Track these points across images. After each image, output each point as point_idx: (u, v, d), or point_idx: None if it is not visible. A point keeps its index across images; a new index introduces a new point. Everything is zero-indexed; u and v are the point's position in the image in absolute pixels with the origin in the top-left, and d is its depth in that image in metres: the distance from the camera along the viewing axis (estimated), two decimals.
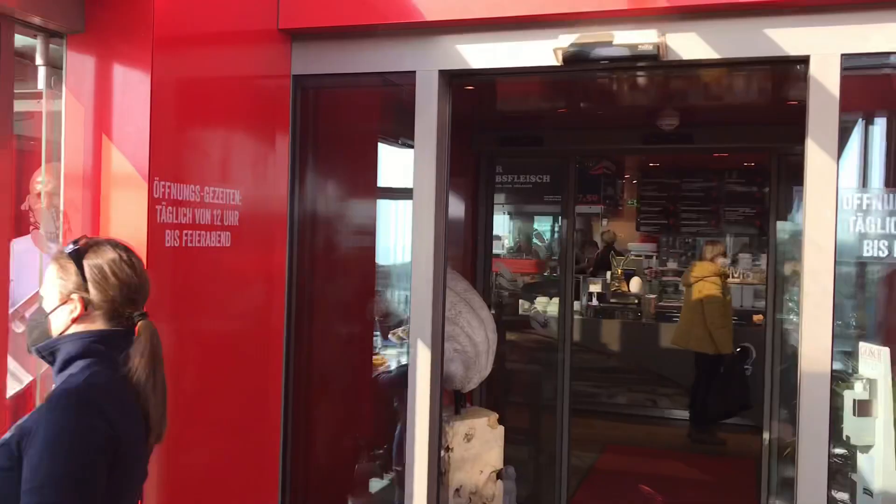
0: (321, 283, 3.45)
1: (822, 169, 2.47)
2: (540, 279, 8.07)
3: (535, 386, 6.43)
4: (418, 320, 2.95)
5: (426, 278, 2.95)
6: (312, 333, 3.53)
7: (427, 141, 2.95)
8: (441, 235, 3.02)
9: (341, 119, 3.63)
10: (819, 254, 2.46)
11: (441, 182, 3.03)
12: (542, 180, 7.41)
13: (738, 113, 4.64)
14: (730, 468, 6.77)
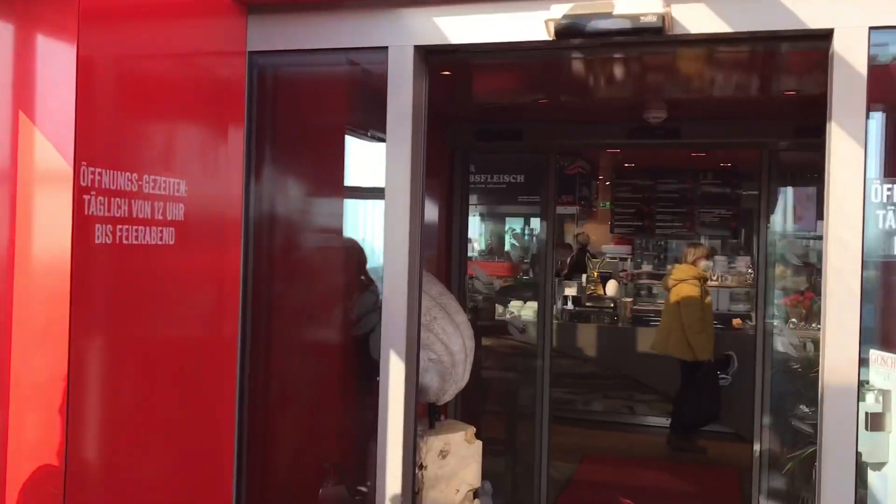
0: (282, 287, 3.10)
1: (848, 157, 2.19)
2: (513, 282, 7.81)
3: (512, 394, 6.15)
4: (391, 328, 2.63)
5: (400, 282, 2.63)
6: (272, 342, 3.18)
7: (401, 127, 2.63)
8: (417, 233, 2.70)
9: (304, 105, 3.29)
10: (844, 252, 2.18)
11: (417, 173, 2.71)
12: (517, 180, 7.13)
13: (728, 107, 4.38)
14: (711, 477, 6.54)
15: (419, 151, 2.72)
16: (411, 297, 2.68)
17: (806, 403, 5.01)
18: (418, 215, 2.72)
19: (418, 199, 2.73)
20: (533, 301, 7.02)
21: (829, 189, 2.24)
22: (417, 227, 2.71)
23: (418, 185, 2.71)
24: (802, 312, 8.23)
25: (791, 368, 4.86)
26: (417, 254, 2.71)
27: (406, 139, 2.66)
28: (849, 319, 2.16)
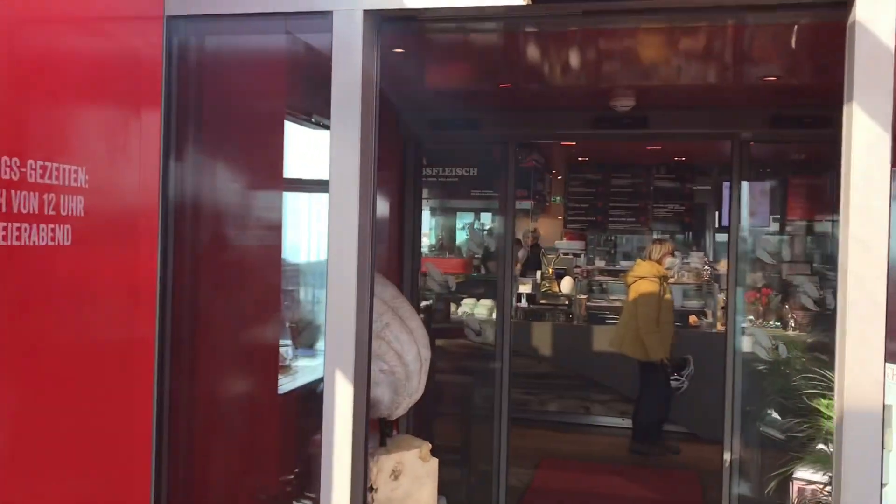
0: (208, 291, 2.68)
1: (871, 143, 1.89)
2: (465, 279, 7.48)
3: (468, 397, 5.81)
4: (337, 342, 2.24)
5: (348, 287, 2.25)
6: (197, 353, 2.77)
7: (348, 105, 2.24)
8: (368, 229, 2.33)
9: (234, 83, 2.87)
10: (866, 254, 1.88)
11: (367, 159, 2.33)
12: (469, 173, 6.82)
13: (699, 95, 4.10)
14: (672, 482, 6.31)
15: (370, 135, 2.34)
16: (361, 303, 2.30)
17: (775, 408, 4.79)
18: (369, 209, 2.34)
19: (369, 190, 2.35)
20: (486, 299, 6.71)
21: (846, 181, 1.94)
22: (368, 222, 2.33)
23: (369, 173, 2.33)
24: (759, 310, 8.10)
25: (758, 371, 4.62)
26: (369, 254, 2.33)
27: (354, 120, 2.27)
28: (872, 333, 1.87)
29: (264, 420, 3.62)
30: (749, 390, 4.45)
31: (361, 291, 2.21)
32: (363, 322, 2.27)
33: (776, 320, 5.79)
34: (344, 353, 2.20)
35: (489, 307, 6.54)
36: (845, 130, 1.95)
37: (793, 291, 5.05)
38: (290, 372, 4.22)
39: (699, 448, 7.10)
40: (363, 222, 2.27)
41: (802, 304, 4.41)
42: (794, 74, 3.47)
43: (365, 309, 2.33)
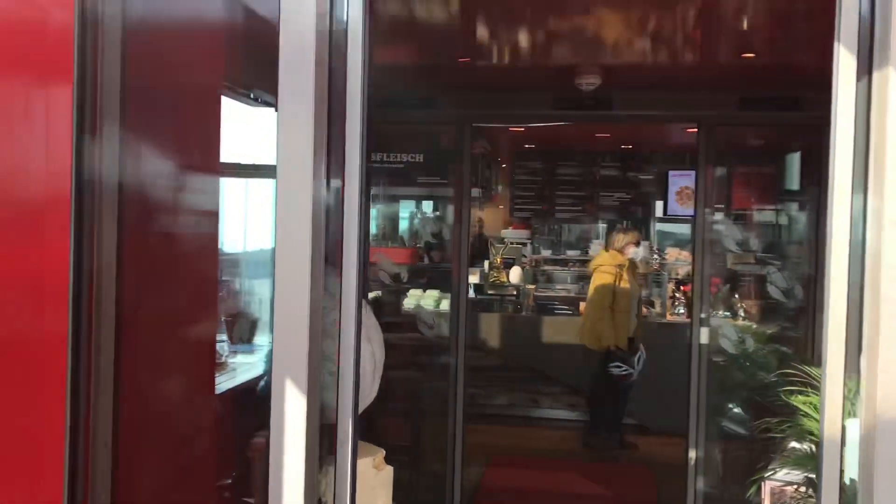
0: (134, 285, 2.31)
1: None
2: (408, 269, 7.20)
3: (417, 394, 5.52)
4: (286, 347, 1.92)
5: (298, 284, 1.92)
6: (122, 352, 2.39)
7: (299, 72, 1.91)
8: (321, 219, 2.01)
9: (162, 51, 2.49)
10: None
11: (322, 138, 2.01)
12: (415, 159, 6.53)
13: (666, 74, 3.88)
14: (625, 477, 6.16)
15: (323, 108, 2.01)
16: (315, 304, 1.98)
17: (738, 403, 4.64)
18: (323, 195, 2.02)
19: (322, 174, 2.03)
20: (432, 289, 6.44)
21: (878, 158, 1.71)
22: (322, 211, 2.01)
23: (322, 155, 2.01)
24: (709, 300, 8.04)
25: (722, 364, 4.47)
26: (322, 246, 2.01)
27: (306, 88, 1.94)
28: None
29: (200, 423, 3.24)
30: (713, 385, 4.29)
31: (315, 291, 1.89)
32: (316, 325, 1.96)
33: (726, 310, 5.67)
34: (295, 360, 1.88)
35: (436, 298, 6.26)
36: (872, 95, 1.72)
37: (744, 281, 4.91)
38: (227, 369, 3.88)
39: (649, 441, 6.99)
40: (317, 212, 1.95)
41: (769, 294, 4.25)
42: (772, 51, 3.27)
43: (318, 310, 2.01)
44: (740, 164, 4.62)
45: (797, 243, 4.33)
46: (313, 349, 1.96)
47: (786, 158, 4.56)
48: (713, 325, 4.30)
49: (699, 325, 4.24)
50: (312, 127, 1.96)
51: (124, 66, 2.21)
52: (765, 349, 4.43)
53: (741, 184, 4.57)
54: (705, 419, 4.27)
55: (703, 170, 4.17)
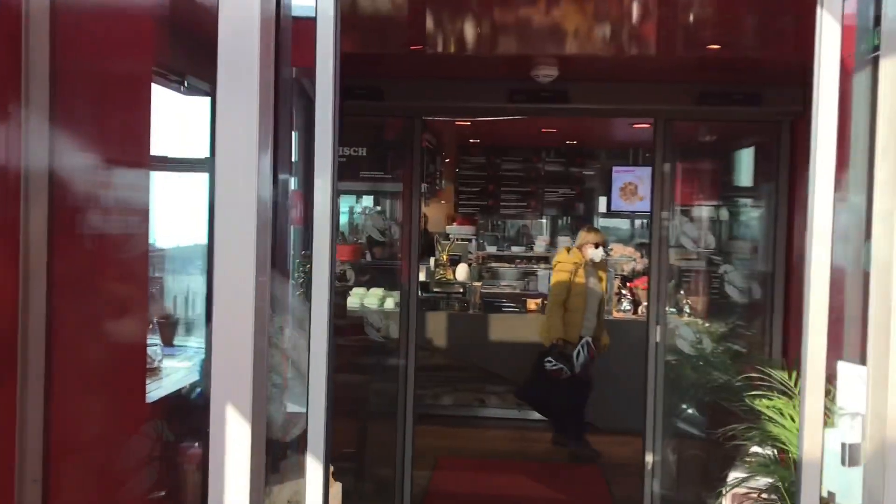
0: (51, 287, 2.04)
1: None
2: (351, 266, 6.95)
3: (364, 397, 5.30)
4: (226, 363, 1.69)
5: (241, 291, 1.69)
6: (51, 354, 2.13)
7: (241, 58, 1.68)
8: (266, 218, 1.78)
9: (82, 32, 2.22)
10: None
11: (265, 128, 1.78)
12: (358, 153, 6.29)
13: (625, 67, 3.75)
14: (575, 478, 6.05)
15: (269, 98, 1.79)
16: (260, 311, 1.75)
17: (690, 403, 4.56)
18: (268, 193, 1.80)
19: (267, 169, 1.81)
20: (377, 287, 6.23)
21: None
22: (267, 209, 1.79)
23: (267, 146, 1.79)
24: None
25: (676, 364, 4.37)
26: (267, 248, 1.78)
27: (249, 76, 1.72)
28: None
29: (129, 434, 2.96)
30: (669, 385, 4.20)
31: (260, 300, 1.66)
32: (262, 338, 1.73)
33: (671, 307, 5.61)
34: (238, 380, 1.65)
35: (380, 297, 6.03)
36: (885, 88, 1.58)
37: (700, 280, 4.83)
38: (160, 375, 3.60)
39: (598, 439, 6.91)
40: (262, 210, 1.72)
41: (727, 293, 4.17)
42: (738, 43, 3.16)
43: (264, 320, 1.78)
44: (697, 160, 4.53)
45: (753, 240, 4.26)
46: (258, 366, 1.73)
47: (743, 154, 4.49)
48: (670, 325, 4.20)
49: (655, 324, 4.14)
50: (256, 118, 1.74)
51: (53, 51, 1.95)
52: (720, 348, 4.35)
53: (697, 180, 4.48)
54: (662, 420, 4.17)
55: (659, 166, 4.06)
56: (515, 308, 7.62)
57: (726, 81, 3.82)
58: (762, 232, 4.12)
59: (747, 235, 4.38)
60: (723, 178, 4.66)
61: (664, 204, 4.08)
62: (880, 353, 1.57)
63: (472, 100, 4.04)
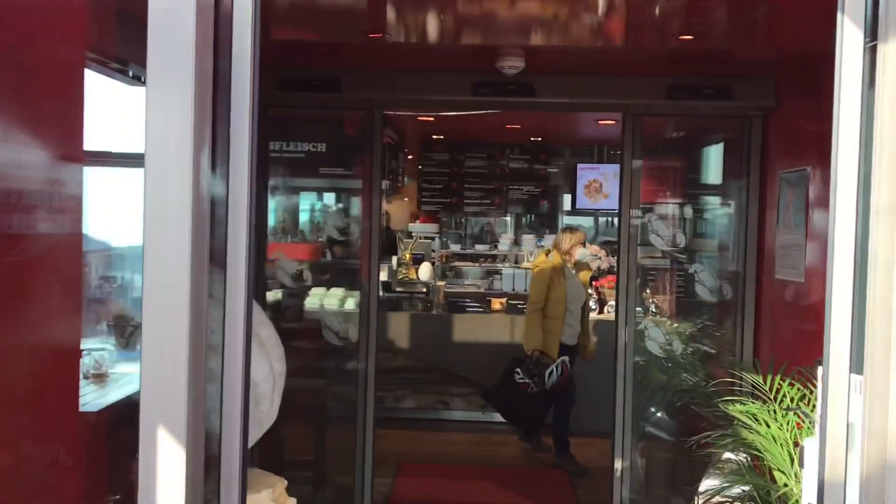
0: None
1: None
2: (310, 266, 6.72)
3: (324, 402, 5.10)
4: (158, 382, 1.50)
5: (175, 296, 1.50)
6: None
7: (173, 43, 1.50)
8: (204, 215, 1.59)
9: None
10: None
11: (202, 120, 1.60)
12: (317, 149, 6.08)
13: (594, 59, 3.61)
14: (541, 483, 5.91)
15: (207, 88, 1.61)
16: (196, 318, 1.56)
17: (658, 406, 4.45)
18: (206, 189, 1.61)
19: (205, 163, 1.62)
20: (337, 287, 6.02)
21: None
22: (205, 207, 1.60)
23: (205, 142, 1.61)
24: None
25: (640, 365, 4.25)
26: (205, 248, 1.59)
27: (182, 64, 1.54)
28: None
29: (59, 447, 2.72)
30: (638, 388, 4.07)
31: (197, 305, 1.48)
32: (198, 351, 1.54)
33: (637, 306, 5.48)
34: (171, 400, 1.46)
35: (340, 297, 5.83)
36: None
37: (669, 279, 4.71)
38: (106, 381, 3.36)
39: None
40: (198, 207, 1.53)
41: (697, 293, 4.06)
42: (712, 33, 3.03)
43: (201, 325, 1.59)
44: (667, 156, 4.41)
45: (724, 239, 4.15)
46: (195, 385, 1.54)
47: (714, 151, 4.39)
48: (639, 325, 4.07)
49: (625, 325, 4.01)
50: (191, 109, 1.56)
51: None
52: (689, 349, 4.23)
53: (667, 177, 4.36)
54: (632, 423, 4.04)
55: (627, 162, 3.92)
56: (480, 308, 7.47)
57: (696, 74, 3.70)
58: (733, 230, 4.01)
59: (718, 234, 4.27)
60: (693, 176, 4.55)
61: (633, 202, 3.94)
62: (879, 364, 1.43)
63: (434, 92, 3.86)
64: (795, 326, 3.46)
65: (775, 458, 2.85)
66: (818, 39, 3.13)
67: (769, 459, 2.87)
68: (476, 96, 3.76)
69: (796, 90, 3.57)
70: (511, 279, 7.93)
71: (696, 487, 3.18)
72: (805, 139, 3.45)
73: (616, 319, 4.06)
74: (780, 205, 3.61)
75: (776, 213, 3.63)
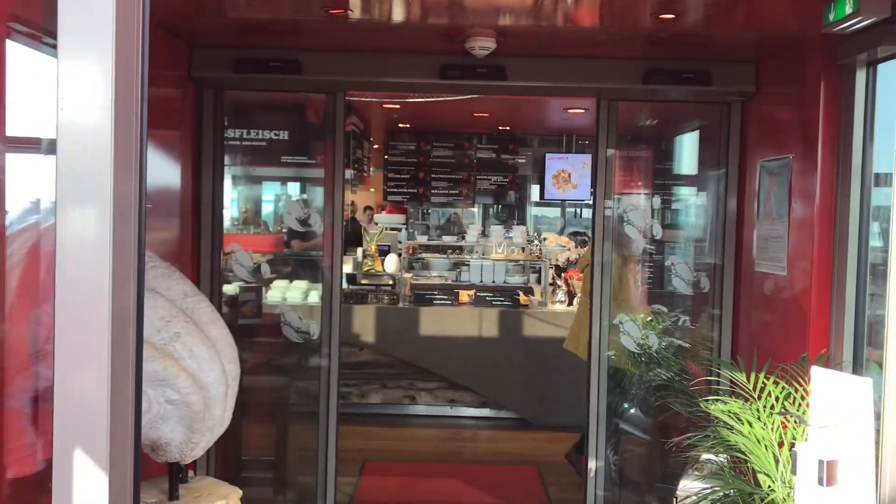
0: None
1: None
2: (273, 257, 6.47)
3: (284, 400, 4.88)
4: (69, 389, 1.28)
5: (92, 291, 1.29)
6: None
7: None
8: (134, 202, 1.37)
9: None
10: None
11: (130, 91, 1.37)
12: (279, 136, 5.84)
13: (570, 40, 3.43)
14: (509, 479, 5.76)
15: (133, 54, 1.38)
16: (121, 319, 1.34)
17: (631, 402, 4.31)
18: (136, 170, 1.39)
19: (132, 141, 1.39)
20: (299, 280, 5.79)
21: None
22: (136, 188, 1.38)
23: (131, 115, 1.38)
24: (587, 288, 7.78)
25: (618, 362, 4.10)
26: (133, 238, 1.38)
27: (101, 22, 1.31)
28: None
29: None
30: (613, 384, 3.92)
31: (120, 308, 1.26)
32: (125, 355, 1.32)
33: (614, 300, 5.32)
34: (87, 420, 1.24)
35: (304, 290, 5.60)
36: None
37: (645, 272, 4.54)
38: None
39: (534, 436, 6.70)
40: (123, 189, 1.31)
41: (674, 286, 3.91)
42: (689, 14, 2.86)
43: (128, 330, 1.37)
44: (642, 144, 4.25)
45: (702, 230, 4.00)
46: (119, 396, 1.32)
47: (690, 139, 4.24)
48: (615, 321, 3.91)
49: (599, 319, 3.84)
50: (111, 78, 1.32)
51: None
52: (664, 342, 4.09)
53: (642, 166, 4.20)
54: (606, 419, 3.89)
55: (602, 149, 3.75)
56: (447, 300, 7.29)
57: (674, 58, 3.54)
58: (710, 221, 3.87)
59: (694, 225, 4.13)
60: (668, 164, 4.40)
61: (607, 191, 3.77)
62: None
63: (400, 75, 3.65)
64: (777, 321, 3.32)
65: (760, 461, 2.71)
66: (800, 21, 2.99)
67: (753, 462, 2.73)
68: (445, 79, 3.56)
69: (777, 75, 3.43)
70: (479, 271, 7.75)
71: (669, 486, 3.03)
72: (787, 126, 3.31)
73: (590, 313, 3.89)
74: (760, 195, 3.47)
75: (756, 203, 3.49)
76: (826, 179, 2.98)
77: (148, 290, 2.52)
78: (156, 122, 3.11)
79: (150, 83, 1.42)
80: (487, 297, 7.27)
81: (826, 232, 2.98)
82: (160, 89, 3.45)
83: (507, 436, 6.79)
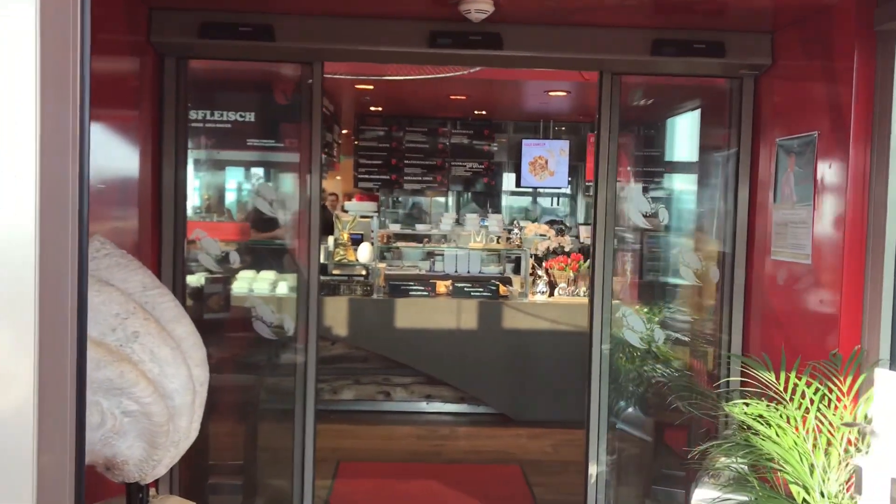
0: None
1: None
2: (238, 246, 6.09)
3: (255, 399, 4.52)
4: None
5: (12, 277, 0.95)
6: None
7: None
8: (75, 188, 1.04)
9: None
10: None
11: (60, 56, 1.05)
12: (245, 118, 5.46)
13: (572, 7, 3.10)
14: (493, 478, 5.48)
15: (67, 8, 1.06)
16: (52, 316, 1.01)
17: (629, 401, 4.04)
18: (74, 151, 1.07)
19: (68, 112, 1.07)
20: (267, 270, 5.43)
21: None
22: (74, 167, 1.06)
23: (66, 79, 1.06)
24: (570, 276, 7.52)
25: (619, 359, 3.81)
26: (75, 222, 1.05)
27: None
28: None
29: None
30: (614, 381, 3.64)
31: (50, 308, 0.92)
32: (57, 362, 0.98)
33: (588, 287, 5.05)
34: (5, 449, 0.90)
35: (272, 281, 5.23)
36: None
37: (649, 262, 4.25)
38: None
39: (515, 432, 6.45)
40: (53, 181, 0.98)
41: (681, 276, 3.63)
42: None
43: (64, 331, 1.04)
44: (646, 123, 3.95)
45: (707, 215, 3.72)
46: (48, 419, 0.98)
47: (694, 116, 3.95)
48: (617, 314, 3.62)
49: (601, 313, 3.55)
50: (37, 38, 1.00)
51: None
52: (671, 336, 3.82)
53: (646, 147, 3.91)
54: (607, 418, 3.61)
55: (605, 128, 3.45)
56: (424, 292, 6.97)
57: (683, 27, 3.24)
58: (717, 205, 3.59)
59: (702, 211, 3.85)
60: (671, 146, 4.12)
61: (610, 173, 3.47)
62: None
63: (385, 43, 3.29)
64: (799, 313, 3.06)
65: (795, 470, 2.44)
66: None
67: (787, 471, 2.45)
68: (434, 48, 3.22)
69: (799, 45, 3.15)
70: (454, 260, 7.45)
71: (667, 489, 2.75)
72: (811, 102, 3.04)
73: (591, 306, 3.59)
74: (777, 176, 3.20)
75: (773, 185, 3.22)
76: (858, 159, 2.71)
77: (100, 282, 2.15)
78: (111, 98, 2.71)
79: (104, 50, 1.11)
80: (465, 287, 6.97)
81: (858, 216, 2.71)
82: (115, 57, 3.07)
83: (487, 432, 6.52)
